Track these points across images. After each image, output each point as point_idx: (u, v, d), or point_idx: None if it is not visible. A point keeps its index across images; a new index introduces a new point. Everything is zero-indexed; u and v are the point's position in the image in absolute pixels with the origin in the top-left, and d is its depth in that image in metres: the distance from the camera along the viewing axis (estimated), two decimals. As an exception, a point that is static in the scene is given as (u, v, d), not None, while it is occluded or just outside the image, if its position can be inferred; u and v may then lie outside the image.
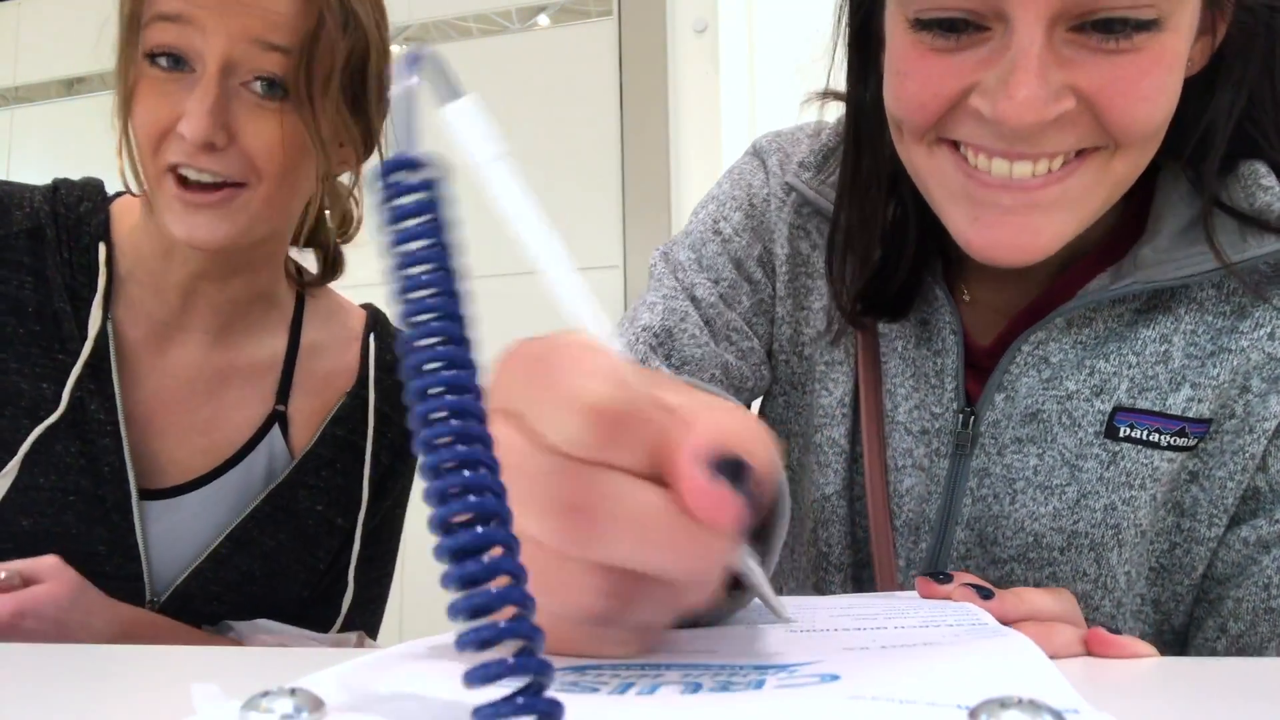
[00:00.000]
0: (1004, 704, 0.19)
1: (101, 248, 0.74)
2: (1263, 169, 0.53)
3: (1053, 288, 0.58)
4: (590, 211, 1.99)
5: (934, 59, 0.49)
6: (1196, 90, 0.51)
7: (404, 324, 0.22)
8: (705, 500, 0.24)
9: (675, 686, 0.24)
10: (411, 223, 0.23)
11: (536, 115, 2.04)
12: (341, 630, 0.81)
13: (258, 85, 0.67)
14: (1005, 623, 0.35)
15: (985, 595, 0.39)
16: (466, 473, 0.20)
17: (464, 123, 0.26)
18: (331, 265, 0.87)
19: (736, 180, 0.69)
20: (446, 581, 0.20)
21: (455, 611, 0.19)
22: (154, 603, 0.74)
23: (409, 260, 0.22)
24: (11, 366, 0.71)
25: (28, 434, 0.69)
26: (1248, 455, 0.54)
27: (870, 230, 0.59)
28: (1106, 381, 0.56)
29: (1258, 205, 0.52)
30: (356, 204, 0.85)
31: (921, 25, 0.49)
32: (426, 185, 0.23)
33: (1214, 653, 0.56)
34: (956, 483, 0.59)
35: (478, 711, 0.19)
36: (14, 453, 0.69)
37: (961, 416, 0.59)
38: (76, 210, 0.75)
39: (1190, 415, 0.54)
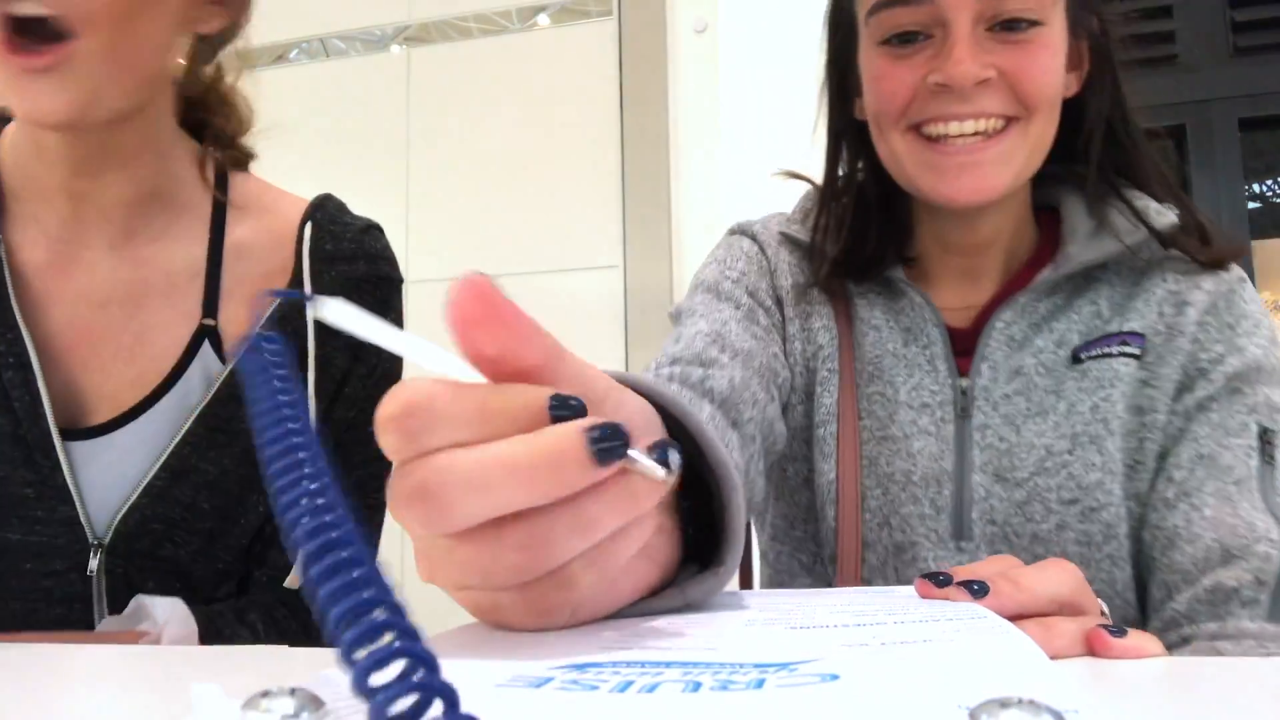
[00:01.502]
0: (1004, 704, 0.19)
1: None
2: (1136, 193, 0.75)
3: (1005, 287, 0.77)
4: (590, 211, 1.99)
5: (898, 63, 0.70)
6: (1077, 110, 0.74)
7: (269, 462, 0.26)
8: (460, 290, 0.28)
9: (675, 685, 0.24)
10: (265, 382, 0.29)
11: (536, 115, 2.04)
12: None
13: None
14: (1004, 615, 0.35)
15: (981, 593, 0.39)
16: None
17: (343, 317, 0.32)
18: (233, 161, 0.79)
19: (729, 247, 0.84)
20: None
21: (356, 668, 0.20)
22: (98, 545, 0.68)
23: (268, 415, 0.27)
24: None
25: None
26: (1183, 353, 0.72)
27: (842, 222, 0.79)
28: (1063, 336, 0.74)
29: (1139, 205, 0.73)
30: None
31: (885, 41, 0.71)
32: (275, 354, 0.30)
33: (1165, 503, 0.69)
34: (963, 439, 0.74)
35: (370, 694, 0.19)
36: None
37: (956, 389, 0.75)
38: None
39: (1125, 330, 0.73)
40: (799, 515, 0.81)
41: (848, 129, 0.80)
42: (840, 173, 0.81)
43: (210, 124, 0.78)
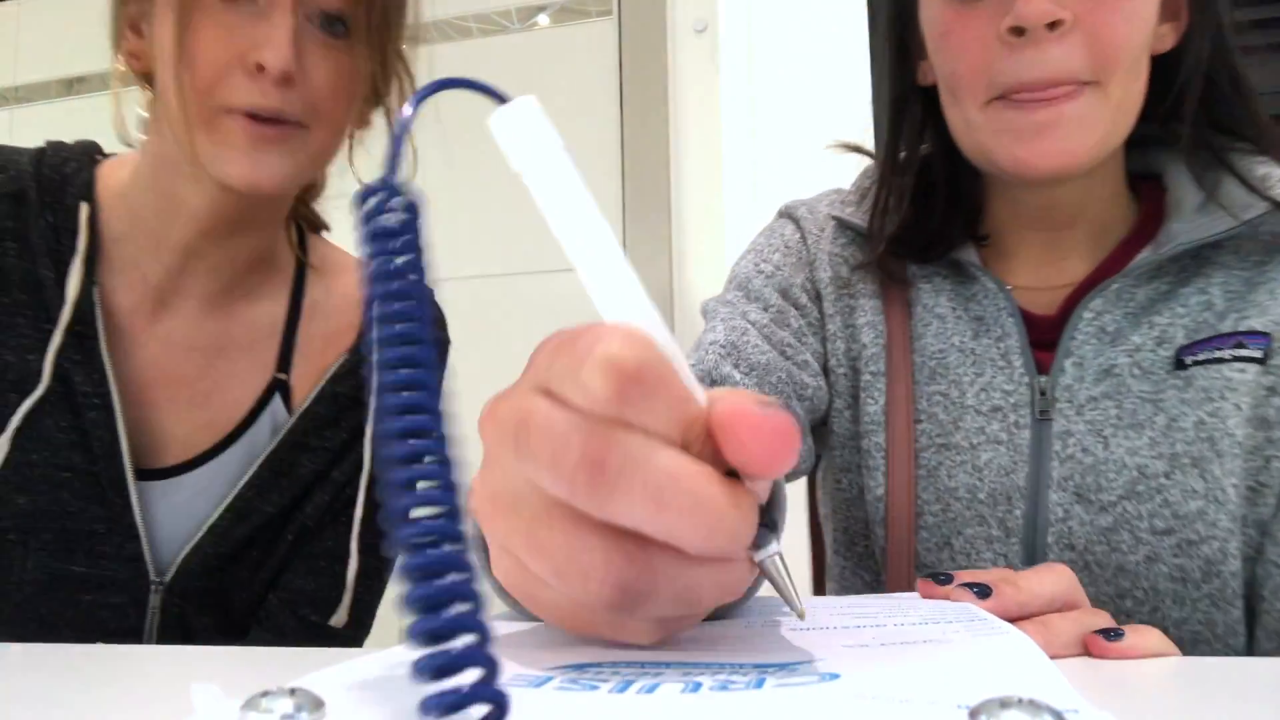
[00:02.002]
0: (1004, 704, 0.19)
1: (83, 208, 0.70)
2: (1257, 158, 0.64)
3: (1097, 269, 0.67)
4: (590, 211, 1.99)
5: (965, 12, 0.62)
6: (1174, 63, 0.64)
7: (378, 343, 0.23)
8: (762, 425, 0.25)
9: (675, 685, 0.24)
10: (392, 245, 0.25)
11: (536, 115, 2.04)
12: (352, 612, 0.74)
13: (321, 21, 0.65)
14: (1006, 619, 0.35)
15: (983, 594, 0.39)
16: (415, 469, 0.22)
17: (519, 126, 0.28)
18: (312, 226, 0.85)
19: (770, 233, 0.78)
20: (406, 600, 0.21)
21: (414, 634, 0.20)
22: (159, 584, 0.71)
23: (387, 281, 0.24)
24: None
25: (15, 409, 0.66)
26: None
27: (904, 197, 0.70)
28: (1164, 332, 0.63)
29: (1258, 174, 0.63)
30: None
31: None
32: (408, 210, 0.25)
33: None
34: (1040, 449, 0.64)
35: (424, 701, 0.19)
36: (3, 429, 0.66)
37: (1034, 389, 0.65)
38: (62, 171, 0.72)
39: (1242, 329, 0.62)
40: (858, 530, 0.73)
41: (910, 96, 0.71)
42: (902, 145, 0.72)
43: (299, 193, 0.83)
